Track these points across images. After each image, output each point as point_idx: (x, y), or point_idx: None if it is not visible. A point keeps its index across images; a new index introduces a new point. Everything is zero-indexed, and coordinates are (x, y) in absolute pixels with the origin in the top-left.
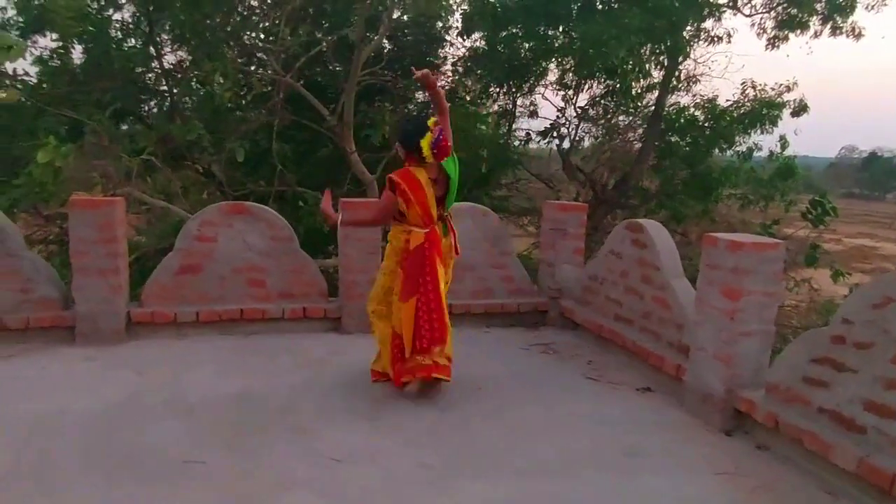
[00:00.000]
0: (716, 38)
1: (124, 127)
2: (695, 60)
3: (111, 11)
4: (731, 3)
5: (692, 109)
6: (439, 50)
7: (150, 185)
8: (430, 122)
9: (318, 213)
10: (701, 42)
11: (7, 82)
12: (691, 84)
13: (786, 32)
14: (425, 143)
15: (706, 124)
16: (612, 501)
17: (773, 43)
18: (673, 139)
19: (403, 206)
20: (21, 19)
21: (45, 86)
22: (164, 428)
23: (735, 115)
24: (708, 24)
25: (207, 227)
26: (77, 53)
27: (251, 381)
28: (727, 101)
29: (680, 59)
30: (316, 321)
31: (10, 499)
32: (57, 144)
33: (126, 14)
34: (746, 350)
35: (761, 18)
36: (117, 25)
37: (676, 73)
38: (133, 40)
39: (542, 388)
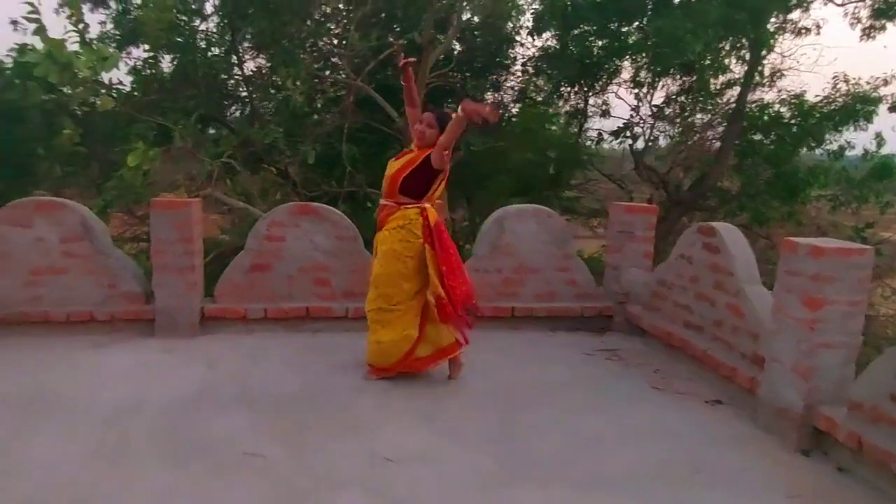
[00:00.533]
0: (803, 30)
1: (212, 131)
2: (780, 54)
3: (197, 22)
4: None
5: (777, 106)
6: (509, 50)
7: (231, 187)
8: None
9: None
10: (787, 34)
11: (103, 91)
12: (776, 79)
13: (883, 22)
14: None
15: (793, 121)
16: None
17: (868, 33)
18: (755, 137)
19: (438, 181)
20: (118, 33)
21: (136, 94)
22: (229, 420)
23: (825, 111)
24: (795, 14)
25: (276, 228)
26: (166, 63)
27: (313, 378)
28: (816, 96)
29: (763, 52)
30: None
31: (89, 479)
32: (145, 148)
33: (211, 24)
34: (827, 363)
35: (855, 7)
36: (202, 35)
37: (759, 68)
38: (216, 49)
39: (605, 396)
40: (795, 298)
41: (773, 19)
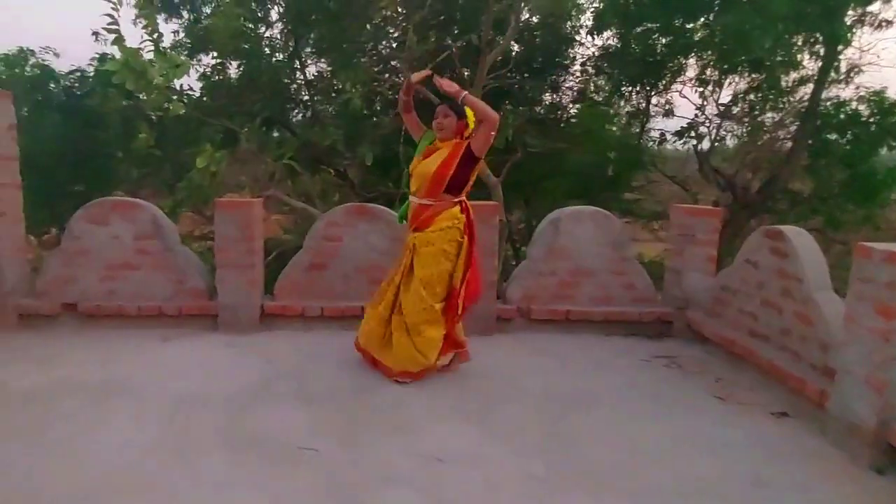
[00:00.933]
0: (884, 23)
1: (275, 134)
2: (858, 49)
3: (262, 29)
4: None
5: (854, 103)
6: (568, 50)
7: (292, 188)
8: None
9: None
10: (865, 28)
11: (174, 97)
12: (853, 75)
13: None
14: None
15: (871, 119)
16: None
17: None
18: (830, 137)
19: (477, 169)
20: (189, 41)
21: (205, 98)
22: (286, 414)
23: None
24: (875, 6)
25: (333, 228)
26: (233, 69)
27: (367, 376)
28: None
29: (839, 47)
30: None
31: (154, 467)
32: (213, 151)
33: (274, 31)
34: None
35: None
36: (267, 42)
37: (835, 64)
38: (280, 55)
39: (662, 404)
40: (869, 307)
41: (850, 12)
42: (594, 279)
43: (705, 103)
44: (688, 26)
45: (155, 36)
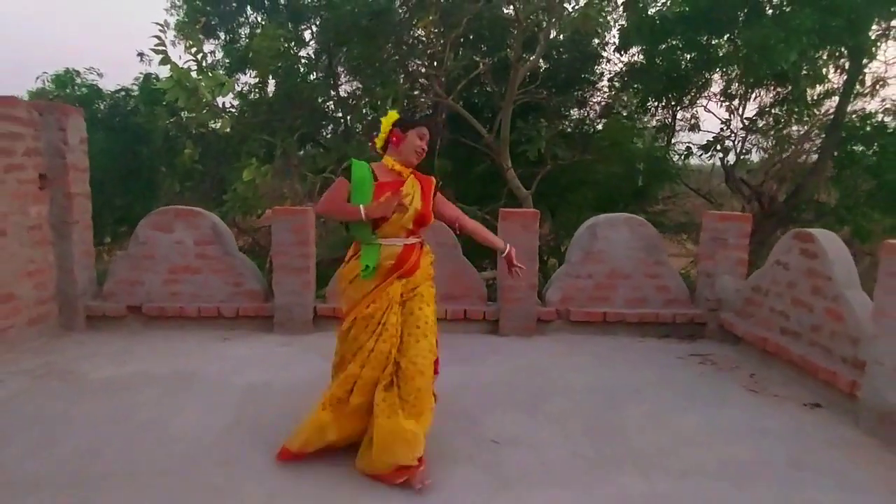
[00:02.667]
0: None
1: (312, 150)
2: (884, 62)
3: (298, 49)
4: None
5: (880, 115)
6: (595, 66)
7: None
8: None
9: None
10: (891, 41)
11: (224, 114)
12: (878, 88)
13: None
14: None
15: None
16: None
17: None
18: (856, 148)
19: None
20: (227, 60)
21: (246, 115)
22: None
23: None
24: None
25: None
26: (270, 86)
27: None
28: None
29: (864, 60)
30: (475, 322)
31: (233, 445)
32: (259, 164)
33: (310, 51)
34: None
35: None
36: (303, 61)
37: (860, 77)
38: (315, 74)
39: (698, 397)
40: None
41: (874, 26)
42: (629, 282)
43: (731, 117)
44: (713, 42)
45: (199, 56)
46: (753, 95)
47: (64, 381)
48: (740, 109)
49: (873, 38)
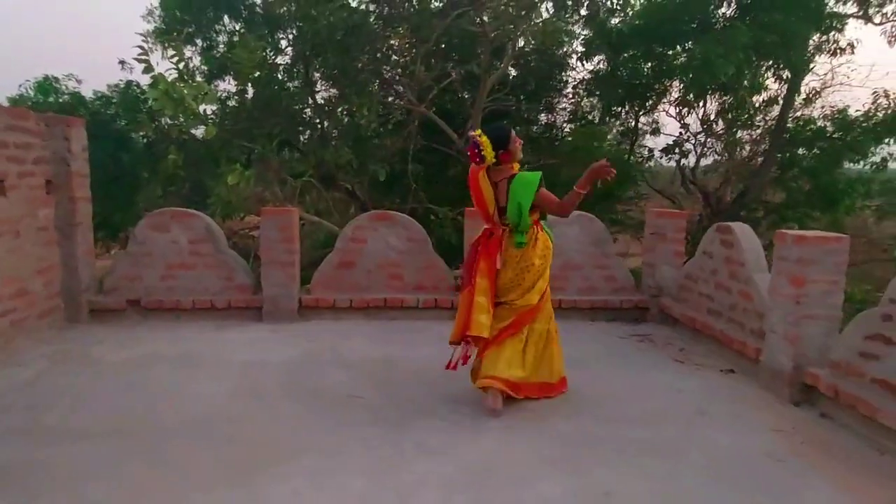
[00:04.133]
0: (838, 50)
1: (290, 156)
2: (815, 73)
3: (275, 57)
4: (860, 14)
5: (820, 121)
6: (562, 74)
7: (306, 204)
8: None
9: (447, 225)
10: (824, 54)
11: (209, 121)
12: (813, 98)
13: None
14: (488, 147)
15: (835, 135)
16: (678, 444)
17: None
18: (799, 152)
19: None
20: (206, 68)
21: (226, 122)
22: (332, 375)
23: (866, 125)
24: (834, 35)
25: (358, 231)
26: (249, 94)
27: (393, 350)
28: (856, 111)
29: (803, 72)
30: (445, 310)
31: (239, 407)
32: (242, 169)
33: (287, 58)
34: (811, 332)
35: (892, 26)
36: (281, 69)
37: (801, 86)
38: (293, 82)
39: (631, 365)
40: (785, 279)
41: (812, 40)
42: (581, 273)
43: (688, 122)
44: (669, 53)
45: (181, 65)
46: (701, 103)
47: (81, 363)
48: (690, 115)
49: (811, 50)
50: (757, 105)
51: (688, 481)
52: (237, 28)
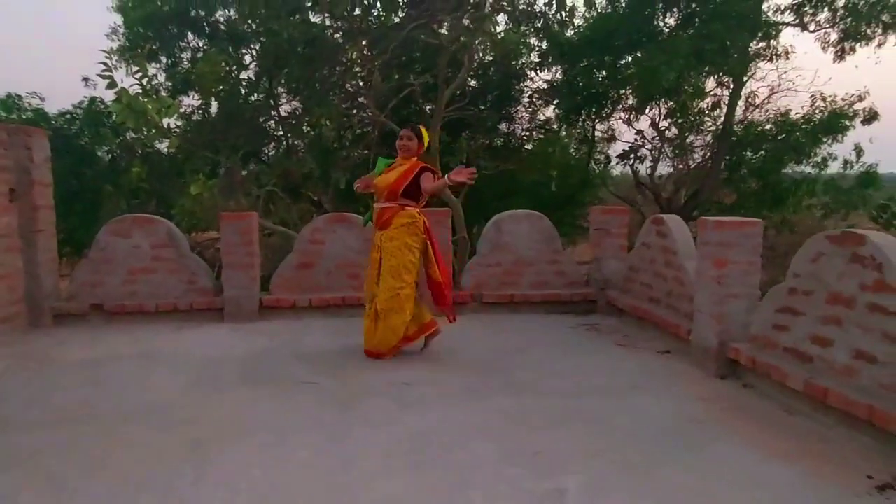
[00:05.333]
0: (775, 56)
1: (256, 167)
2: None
3: (239, 72)
4: (796, 21)
5: (766, 124)
6: (520, 84)
7: (273, 216)
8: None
9: None
10: (763, 60)
11: (174, 134)
12: (751, 100)
13: (852, 44)
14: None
15: (779, 137)
16: (608, 413)
17: (839, 55)
18: (745, 153)
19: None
20: (170, 83)
21: (189, 135)
22: (289, 366)
23: (805, 127)
24: (772, 42)
25: (317, 233)
26: (213, 107)
27: (349, 343)
28: (796, 113)
29: (744, 77)
30: None
31: (196, 395)
32: (205, 179)
33: (251, 73)
34: (733, 309)
35: (825, 33)
36: (244, 83)
37: (742, 91)
38: (256, 95)
39: (576, 350)
40: (709, 262)
41: (753, 46)
42: (533, 268)
43: (642, 129)
44: (620, 63)
45: (145, 81)
46: (648, 109)
47: (42, 363)
48: (641, 122)
49: (750, 56)
50: (699, 109)
51: (611, 440)
52: (201, 45)
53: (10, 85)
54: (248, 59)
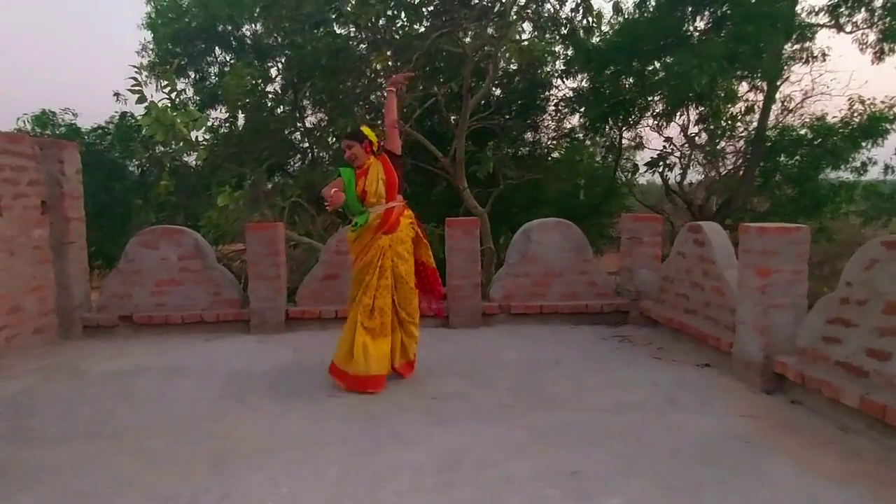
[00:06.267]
0: (811, 58)
1: (281, 180)
2: (788, 80)
3: (265, 85)
4: (831, 23)
5: (800, 129)
6: (545, 92)
7: (297, 226)
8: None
9: (434, 240)
10: (798, 63)
11: (201, 147)
12: (787, 104)
13: (891, 45)
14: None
15: (815, 142)
16: (647, 429)
17: (879, 56)
18: (780, 159)
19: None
20: (198, 98)
21: (216, 148)
22: (314, 379)
23: (844, 132)
24: (807, 44)
25: (342, 244)
26: (239, 120)
27: None
28: (833, 117)
29: (778, 81)
30: (429, 318)
31: (222, 408)
32: (232, 191)
33: (276, 86)
34: (779, 321)
35: (862, 34)
36: (270, 96)
37: (777, 94)
38: (282, 107)
39: (610, 363)
40: (751, 271)
41: (787, 48)
42: (562, 279)
43: (671, 136)
44: (648, 68)
45: (173, 95)
46: (679, 115)
47: (70, 375)
48: (672, 129)
49: (784, 59)
50: (732, 114)
51: (652, 459)
52: (228, 59)
53: (45, 102)
54: (273, 72)
